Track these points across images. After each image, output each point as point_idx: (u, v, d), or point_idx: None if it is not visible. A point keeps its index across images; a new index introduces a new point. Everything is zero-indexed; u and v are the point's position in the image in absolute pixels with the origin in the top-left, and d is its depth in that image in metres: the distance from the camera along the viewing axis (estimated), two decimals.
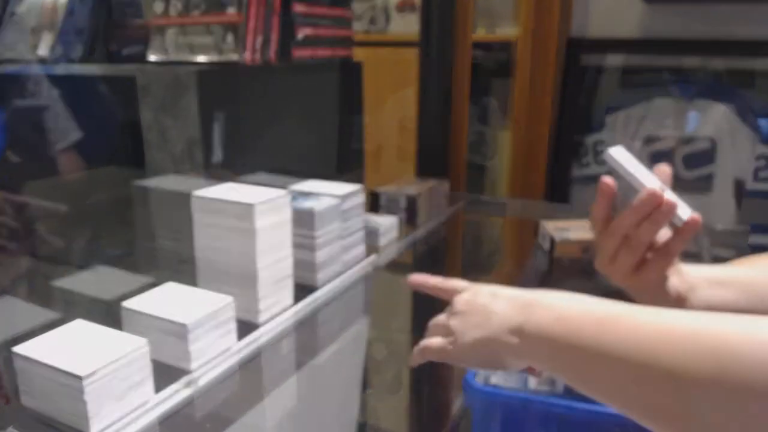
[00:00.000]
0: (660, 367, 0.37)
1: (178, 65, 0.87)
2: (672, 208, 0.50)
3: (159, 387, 0.62)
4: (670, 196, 0.50)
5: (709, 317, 0.39)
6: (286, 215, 0.78)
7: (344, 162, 1.17)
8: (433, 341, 0.54)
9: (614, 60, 1.80)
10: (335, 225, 0.90)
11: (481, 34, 1.99)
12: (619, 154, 0.52)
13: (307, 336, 0.82)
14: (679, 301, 0.55)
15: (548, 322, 0.45)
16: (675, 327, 0.39)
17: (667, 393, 0.37)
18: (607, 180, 0.54)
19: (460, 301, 0.54)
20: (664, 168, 0.53)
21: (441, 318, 0.55)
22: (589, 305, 0.44)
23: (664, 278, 0.54)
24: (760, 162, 1.59)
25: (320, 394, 0.77)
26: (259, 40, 0.88)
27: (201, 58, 0.88)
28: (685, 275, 0.57)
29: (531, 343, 0.46)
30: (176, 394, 0.63)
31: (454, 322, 0.52)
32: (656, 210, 0.50)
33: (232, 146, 0.87)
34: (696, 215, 0.52)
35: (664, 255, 0.53)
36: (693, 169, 1.67)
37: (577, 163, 1.82)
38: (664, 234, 0.54)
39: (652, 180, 0.51)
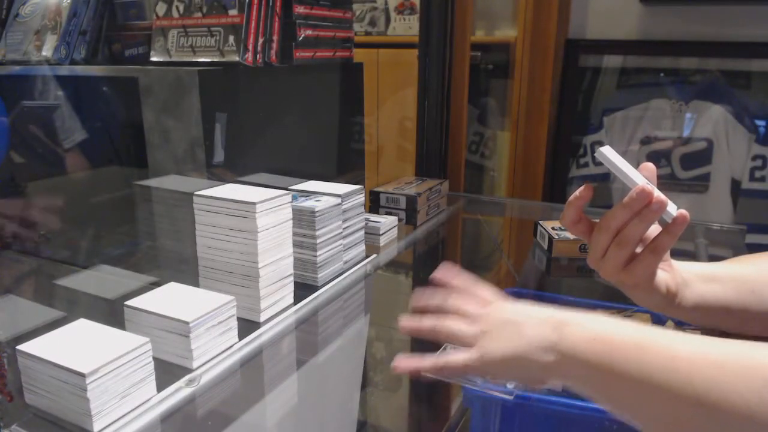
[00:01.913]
0: (695, 393, 0.37)
1: (180, 66, 0.87)
2: (662, 205, 0.51)
3: (161, 385, 0.62)
4: (658, 194, 0.51)
5: (744, 345, 0.39)
6: (287, 215, 0.79)
7: (344, 162, 1.18)
8: (456, 358, 0.51)
9: (612, 61, 1.80)
10: (336, 224, 0.91)
11: (480, 35, 1.99)
12: (610, 153, 0.53)
13: (307, 335, 0.82)
14: (669, 297, 0.55)
15: (584, 342, 0.44)
16: (710, 354, 0.39)
17: (703, 419, 0.37)
18: (589, 185, 0.54)
19: (485, 315, 0.52)
20: (650, 166, 0.53)
21: (461, 329, 0.52)
22: (623, 328, 0.44)
23: (653, 274, 0.54)
24: (756, 162, 1.60)
25: (320, 392, 0.77)
26: (261, 41, 0.89)
27: (203, 60, 0.88)
28: (677, 271, 0.57)
29: (565, 361, 0.45)
30: (178, 392, 0.63)
31: (480, 337, 0.50)
32: (646, 207, 0.51)
33: (234, 147, 0.87)
34: (684, 212, 0.52)
35: (653, 252, 0.53)
36: (690, 170, 1.68)
37: (575, 163, 1.83)
38: (654, 230, 0.54)
39: (641, 179, 0.52)
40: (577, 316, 0.47)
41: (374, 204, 1.25)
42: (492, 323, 0.51)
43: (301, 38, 0.96)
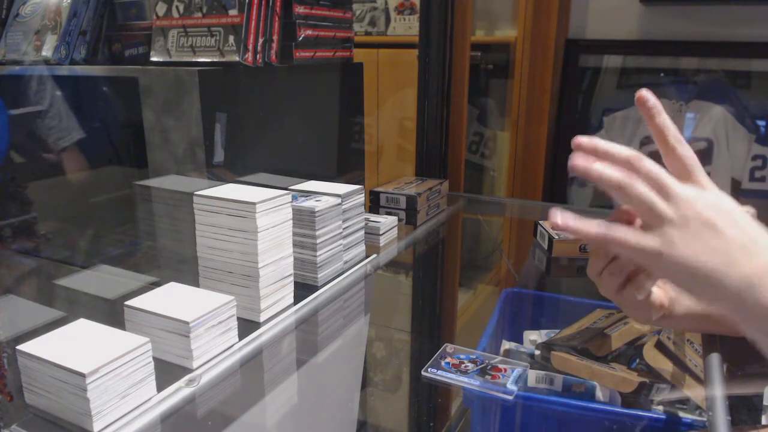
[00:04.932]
0: None
1: (180, 66, 0.87)
2: None
3: (161, 385, 0.62)
4: None
5: None
6: (287, 215, 0.79)
7: (344, 162, 1.18)
8: (632, 237, 0.40)
9: (612, 61, 1.80)
10: (336, 224, 0.91)
11: (480, 35, 1.99)
12: None
13: (307, 335, 0.82)
14: (661, 311, 0.56)
15: None
16: None
17: None
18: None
19: (687, 201, 0.40)
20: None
21: (654, 201, 0.40)
22: None
23: (642, 302, 0.54)
24: (756, 162, 1.60)
25: (320, 392, 0.77)
26: (261, 41, 0.89)
27: (203, 60, 0.88)
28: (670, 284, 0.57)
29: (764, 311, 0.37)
30: (178, 392, 0.63)
31: (671, 225, 0.40)
32: None
33: (234, 147, 0.87)
34: None
35: (638, 290, 0.52)
36: None
37: None
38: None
39: None
40: None
41: (374, 204, 1.25)
42: (693, 215, 0.40)
43: (301, 38, 0.96)
